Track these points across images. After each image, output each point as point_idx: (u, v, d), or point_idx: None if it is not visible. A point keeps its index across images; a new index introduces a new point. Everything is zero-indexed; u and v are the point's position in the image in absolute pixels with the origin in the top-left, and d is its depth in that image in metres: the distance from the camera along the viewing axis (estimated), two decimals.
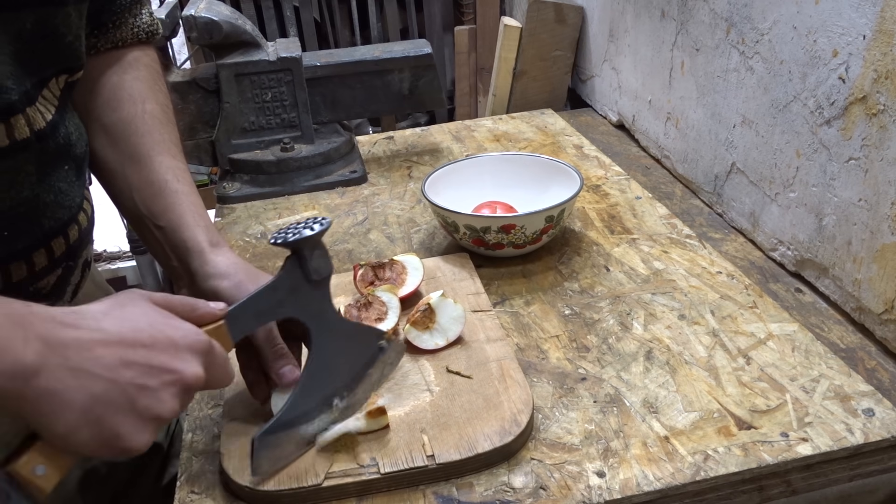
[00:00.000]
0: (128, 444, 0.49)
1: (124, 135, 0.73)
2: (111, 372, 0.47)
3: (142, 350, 0.49)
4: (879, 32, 0.74)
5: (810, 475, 0.68)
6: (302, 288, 0.63)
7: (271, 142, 1.25)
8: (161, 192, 0.70)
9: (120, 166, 0.73)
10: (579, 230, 1.05)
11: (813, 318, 0.86)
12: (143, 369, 0.49)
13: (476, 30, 2.09)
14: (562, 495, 0.64)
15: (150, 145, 0.72)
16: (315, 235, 0.62)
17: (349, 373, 0.70)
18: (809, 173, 0.88)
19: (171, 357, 0.50)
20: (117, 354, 0.48)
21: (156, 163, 0.72)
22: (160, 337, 0.50)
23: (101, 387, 0.47)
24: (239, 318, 0.60)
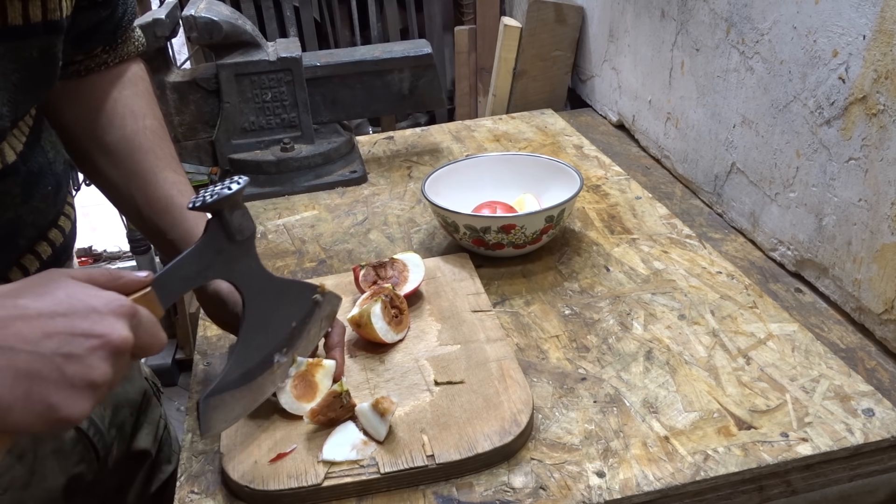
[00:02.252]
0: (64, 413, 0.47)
1: (128, 152, 0.74)
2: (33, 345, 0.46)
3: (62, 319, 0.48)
4: (879, 32, 0.74)
5: (810, 475, 0.68)
6: (226, 249, 0.63)
7: (271, 142, 1.25)
8: (168, 209, 0.72)
9: (125, 184, 0.74)
10: (579, 230, 1.05)
11: (813, 318, 0.86)
12: (65, 338, 0.48)
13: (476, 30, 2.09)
14: (562, 495, 0.64)
15: (154, 162, 0.74)
16: (233, 194, 0.61)
17: (286, 329, 0.70)
18: (809, 173, 0.88)
19: (94, 322, 0.49)
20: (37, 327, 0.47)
21: (160, 179, 0.73)
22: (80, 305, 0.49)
23: (25, 360, 0.46)
24: (166, 284, 0.59)
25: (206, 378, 0.82)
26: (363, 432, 0.68)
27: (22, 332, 0.46)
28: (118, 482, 0.82)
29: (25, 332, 0.46)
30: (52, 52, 0.64)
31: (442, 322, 0.83)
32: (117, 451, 0.80)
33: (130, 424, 0.84)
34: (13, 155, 0.61)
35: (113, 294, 0.52)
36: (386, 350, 0.79)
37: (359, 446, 0.66)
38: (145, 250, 2.32)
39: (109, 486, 0.80)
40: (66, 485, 0.73)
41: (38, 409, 0.47)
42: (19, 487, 0.69)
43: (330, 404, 0.68)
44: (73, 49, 0.72)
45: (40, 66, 0.63)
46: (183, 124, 1.22)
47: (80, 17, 0.69)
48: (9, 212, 0.62)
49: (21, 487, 0.69)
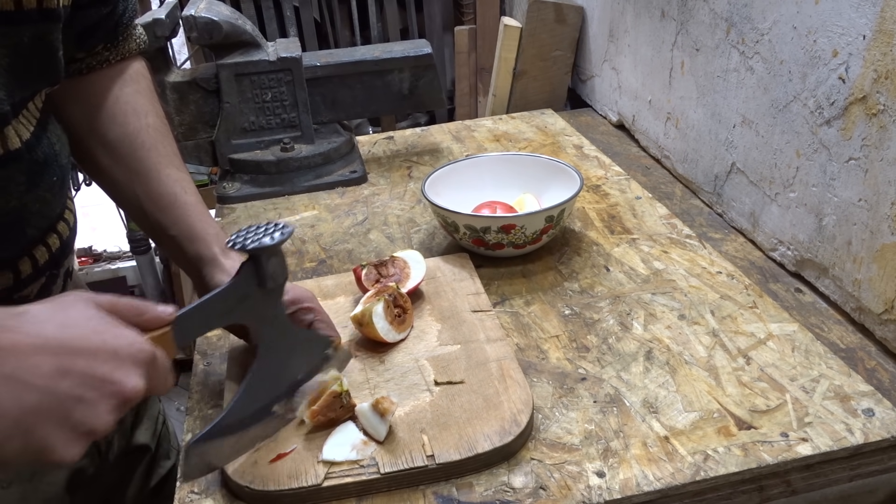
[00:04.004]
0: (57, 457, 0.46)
1: (131, 149, 0.74)
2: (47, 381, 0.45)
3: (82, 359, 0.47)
4: (879, 32, 0.74)
5: (810, 475, 0.68)
6: (254, 294, 0.62)
7: (271, 142, 1.25)
8: (171, 205, 0.72)
9: (128, 181, 0.74)
10: (579, 230, 1.05)
11: (813, 318, 0.86)
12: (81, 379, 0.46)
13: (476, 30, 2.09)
14: (562, 495, 0.64)
15: (157, 159, 0.74)
16: (275, 245, 0.60)
17: (291, 380, 0.69)
18: (809, 173, 0.88)
19: (113, 368, 0.48)
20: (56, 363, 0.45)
21: (163, 175, 0.74)
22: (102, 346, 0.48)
23: (36, 397, 0.45)
24: (187, 323, 0.58)
25: (206, 378, 0.82)
26: (363, 432, 0.68)
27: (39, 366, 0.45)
28: (118, 476, 0.82)
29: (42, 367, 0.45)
30: (48, 41, 0.64)
31: (442, 322, 0.83)
32: (118, 446, 0.81)
33: (130, 419, 0.84)
34: (18, 142, 0.61)
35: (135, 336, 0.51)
36: (386, 350, 0.79)
37: (359, 446, 0.66)
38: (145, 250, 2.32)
39: (110, 480, 0.80)
40: (68, 479, 0.73)
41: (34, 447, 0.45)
42: (24, 480, 0.69)
43: (330, 404, 0.68)
44: (75, 47, 0.72)
45: (33, 53, 0.62)
46: (183, 124, 1.22)
47: (81, 15, 0.69)
48: (13, 200, 0.62)
49: (26, 480, 0.69)
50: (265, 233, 0.61)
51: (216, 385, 0.80)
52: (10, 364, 0.44)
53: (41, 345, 0.45)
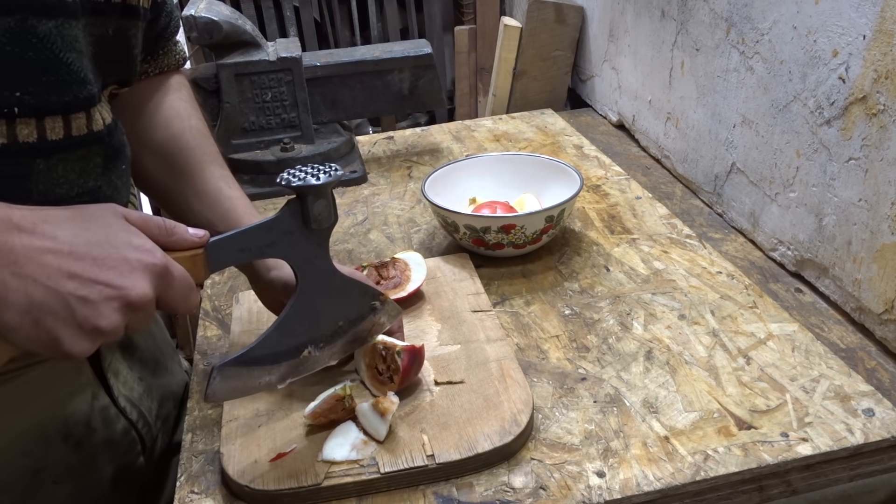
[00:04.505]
0: (66, 349, 0.50)
1: (175, 150, 0.77)
2: (52, 281, 0.49)
3: (89, 263, 0.50)
4: (879, 32, 0.74)
5: (810, 475, 0.68)
6: (297, 233, 0.62)
7: (271, 142, 1.25)
8: (217, 201, 0.74)
9: (174, 181, 0.77)
10: (579, 230, 1.05)
11: (813, 318, 0.86)
12: (85, 282, 0.50)
13: (476, 30, 2.09)
14: (562, 495, 0.64)
15: (201, 157, 0.77)
16: (321, 186, 0.60)
17: (331, 325, 0.68)
18: (809, 173, 0.88)
19: (118, 274, 0.51)
20: (62, 265, 0.49)
21: (208, 173, 0.76)
22: (112, 253, 0.51)
23: (41, 294, 0.48)
24: (221, 249, 0.59)
25: (206, 378, 0.82)
26: (363, 432, 0.68)
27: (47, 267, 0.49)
28: (159, 473, 0.83)
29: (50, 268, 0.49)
30: (127, 36, 0.67)
31: (442, 322, 0.83)
32: (161, 443, 0.82)
33: (173, 417, 0.86)
34: (101, 125, 0.64)
35: (151, 247, 0.53)
36: None
37: (359, 446, 0.66)
38: None
39: (152, 476, 0.81)
40: (114, 474, 0.74)
41: (42, 337, 0.49)
42: (75, 476, 0.70)
43: (332, 407, 0.68)
44: None
45: (114, 45, 0.66)
46: None
47: None
48: (91, 180, 0.64)
49: (77, 476, 0.70)
50: (314, 172, 0.61)
51: None
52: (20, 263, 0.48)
53: (52, 247, 0.49)
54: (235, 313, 0.88)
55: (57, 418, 0.69)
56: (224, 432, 0.69)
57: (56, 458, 0.69)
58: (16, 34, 0.55)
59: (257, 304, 0.89)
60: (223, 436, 0.69)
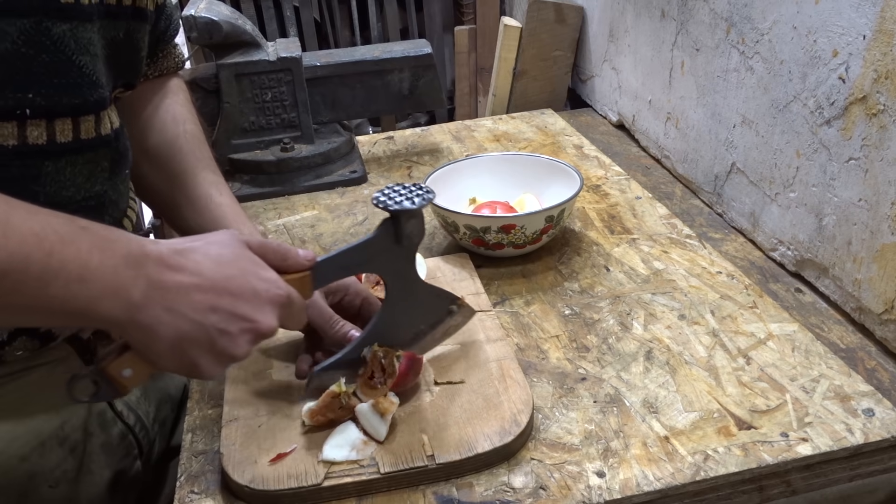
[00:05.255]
0: (203, 373, 0.56)
1: (169, 154, 0.78)
2: (200, 315, 0.54)
3: (228, 298, 0.55)
4: (879, 32, 0.74)
5: (810, 475, 0.68)
6: (391, 249, 0.67)
7: (271, 142, 1.25)
8: (207, 207, 0.76)
9: (167, 186, 0.78)
10: (579, 230, 1.05)
11: (813, 318, 0.86)
12: (226, 316, 0.54)
13: (476, 30, 2.09)
14: (562, 495, 0.64)
15: (193, 163, 0.78)
16: (416, 209, 0.66)
17: (413, 331, 0.73)
18: (809, 173, 0.88)
19: (253, 308, 0.56)
20: (208, 300, 0.54)
21: (199, 178, 0.77)
22: (246, 287, 0.56)
23: (189, 327, 0.53)
24: (324, 269, 0.65)
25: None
26: (363, 432, 0.68)
27: (195, 303, 0.53)
28: (157, 476, 0.83)
29: (198, 303, 0.54)
30: (136, 38, 0.69)
31: None
32: (159, 447, 0.83)
33: (171, 420, 0.86)
34: (109, 128, 0.65)
35: (275, 279, 0.58)
36: None
37: (359, 446, 0.66)
38: None
39: (150, 480, 0.82)
40: (111, 479, 0.75)
41: (186, 364, 0.55)
42: (70, 481, 0.70)
43: (329, 405, 0.68)
44: None
45: (124, 48, 0.67)
46: None
47: None
48: (97, 185, 0.66)
49: (72, 481, 0.71)
50: (408, 195, 0.66)
51: (216, 385, 0.80)
52: (172, 299, 0.53)
53: (199, 283, 0.54)
54: None
55: (53, 423, 0.69)
56: (224, 432, 0.69)
57: (52, 463, 0.69)
58: (30, 36, 0.55)
59: None
60: (223, 436, 0.69)
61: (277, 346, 0.81)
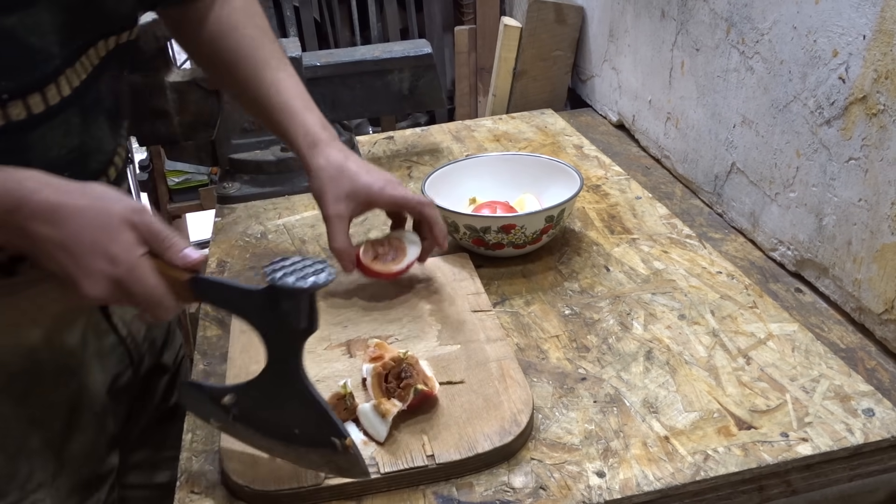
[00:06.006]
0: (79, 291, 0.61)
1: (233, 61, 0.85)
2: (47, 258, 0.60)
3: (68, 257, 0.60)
4: (879, 32, 0.74)
5: (810, 475, 0.68)
6: (271, 321, 0.60)
7: (271, 142, 1.25)
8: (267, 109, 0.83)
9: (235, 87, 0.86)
10: (579, 230, 1.05)
11: (813, 318, 0.86)
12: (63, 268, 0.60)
13: (476, 30, 2.09)
14: (562, 495, 0.64)
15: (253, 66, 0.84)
16: (291, 289, 0.57)
17: (285, 423, 0.63)
18: (809, 173, 0.88)
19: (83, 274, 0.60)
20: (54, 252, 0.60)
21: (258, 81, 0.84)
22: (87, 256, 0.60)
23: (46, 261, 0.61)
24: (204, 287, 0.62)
25: (206, 378, 0.82)
26: (363, 433, 0.68)
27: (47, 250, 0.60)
28: (145, 388, 0.92)
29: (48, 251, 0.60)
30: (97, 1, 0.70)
31: (442, 322, 0.83)
32: (147, 362, 0.91)
33: (161, 340, 0.94)
34: (68, 90, 0.69)
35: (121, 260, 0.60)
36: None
37: (359, 446, 0.66)
38: None
39: (139, 391, 0.91)
40: (106, 382, 0.83)
41: None
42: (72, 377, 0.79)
43: (334, 406, 0.68)
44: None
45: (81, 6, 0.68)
46: (183, 124, 1.22)
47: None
48: (75, 138, 0.71)
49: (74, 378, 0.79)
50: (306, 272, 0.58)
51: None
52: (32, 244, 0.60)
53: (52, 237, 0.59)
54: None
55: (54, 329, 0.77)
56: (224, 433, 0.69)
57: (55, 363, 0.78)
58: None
59: None
60: (223, 436, 0.69)
61: None
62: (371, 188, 0.80)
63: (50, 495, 0.76)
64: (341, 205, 0.80)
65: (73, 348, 0.79)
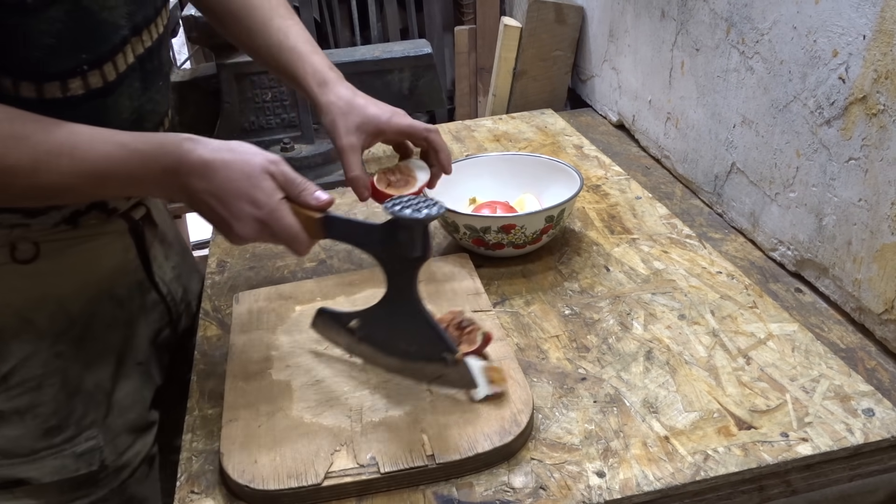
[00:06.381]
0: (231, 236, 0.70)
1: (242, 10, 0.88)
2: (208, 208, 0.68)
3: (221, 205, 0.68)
4: (879, 32, 0.74)
5: (810, 475, 0.68)
6: (392, 251, 0.68)
7: (271, 142, 1.25)
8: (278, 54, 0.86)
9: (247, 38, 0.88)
10: (579, 230, 1.05)
11: (813, 318, 0.86)
12: (220, 215, 0.68)
13: (476, 30, 2.09)
14: (562, 495, 0.64)
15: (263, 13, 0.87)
16: (412, 220, 0.65)
17: (401, 346, 0.73)
18: (809, 173, 0.88)
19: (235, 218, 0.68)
20: (212, 202, 0.68)
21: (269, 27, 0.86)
22: (238, 202, 0.67)
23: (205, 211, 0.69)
24: (336, 224, 0.70)
25: (206, 378, 0.82)
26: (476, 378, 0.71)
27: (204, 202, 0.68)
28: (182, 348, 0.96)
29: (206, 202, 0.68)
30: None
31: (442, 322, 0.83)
32: (184, 322, 0.97)
33: (195, 305, 1.00)
34: (132, 58, 0.75)
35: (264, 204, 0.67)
36: None
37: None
38: None
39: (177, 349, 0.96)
40: (150, 336, 0.90)
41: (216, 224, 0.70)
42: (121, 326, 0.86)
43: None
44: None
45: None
46: (183, 124, 1.22)
47: None
48: (134, 101, 0.77)
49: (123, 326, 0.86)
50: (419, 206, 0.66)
51: (216, 385, 0.80)
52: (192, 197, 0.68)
53: (209, 190, 0.67)
54: (235, 313, 0.88)
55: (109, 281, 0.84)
56: (224, 432, 0.70)
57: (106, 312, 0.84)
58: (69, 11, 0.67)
59: (257, 303, 0.89)
60: (223, 436, 0.69)
61: (278, 346, 0.81)
62: (379, 119, 0.84)
63: (102, 433, 0.83)
64: (353, 136, 0.83)
65: (123, 299, 0.86)
